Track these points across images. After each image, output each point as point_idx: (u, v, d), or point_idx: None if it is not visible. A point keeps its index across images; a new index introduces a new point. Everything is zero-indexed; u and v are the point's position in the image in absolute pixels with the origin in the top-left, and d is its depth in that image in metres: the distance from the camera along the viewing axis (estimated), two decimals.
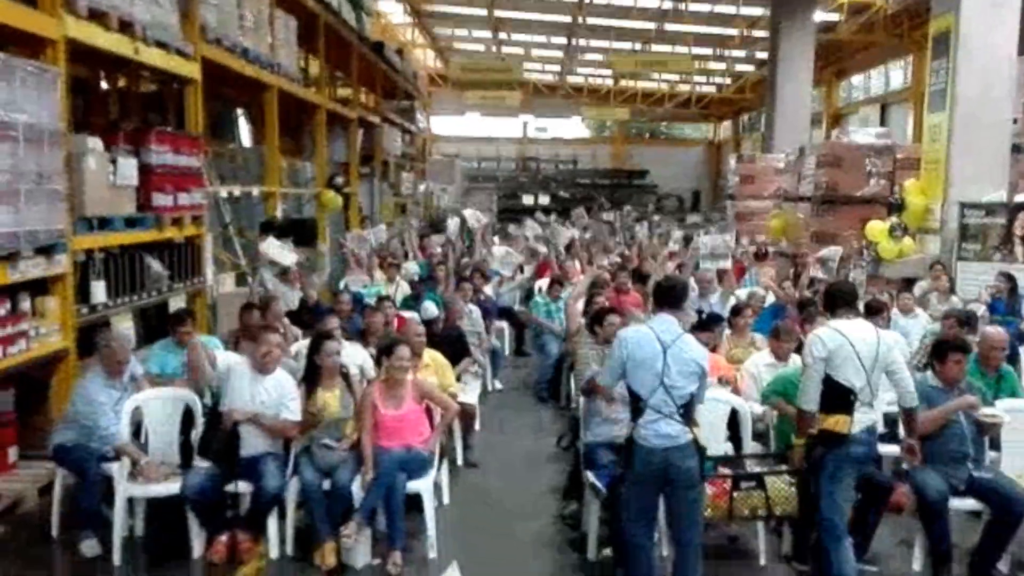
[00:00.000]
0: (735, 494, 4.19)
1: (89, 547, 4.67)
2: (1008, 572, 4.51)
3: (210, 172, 9.04)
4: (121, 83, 9.72)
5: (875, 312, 6.43)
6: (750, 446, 4.91)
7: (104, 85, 9.78)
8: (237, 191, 9.44)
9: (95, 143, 6.19)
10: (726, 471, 4.31)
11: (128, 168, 6.53)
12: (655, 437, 3.80)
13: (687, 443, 3.78)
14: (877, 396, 4.18)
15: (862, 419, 4.01)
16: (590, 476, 4.70)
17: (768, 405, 4.98)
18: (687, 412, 3.82)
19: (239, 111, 11.92)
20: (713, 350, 5.57)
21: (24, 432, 5.68)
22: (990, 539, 4.41)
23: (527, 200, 32.26)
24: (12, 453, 5.60)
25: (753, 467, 4.40)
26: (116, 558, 4.60)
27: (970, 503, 4.51)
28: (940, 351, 4.72)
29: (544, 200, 32.66)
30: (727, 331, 6.34)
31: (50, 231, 5.47)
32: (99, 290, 6.21)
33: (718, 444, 4.91)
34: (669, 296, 4.05)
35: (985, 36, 9.64)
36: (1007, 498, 4.37)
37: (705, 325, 5.79)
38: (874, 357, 3.99)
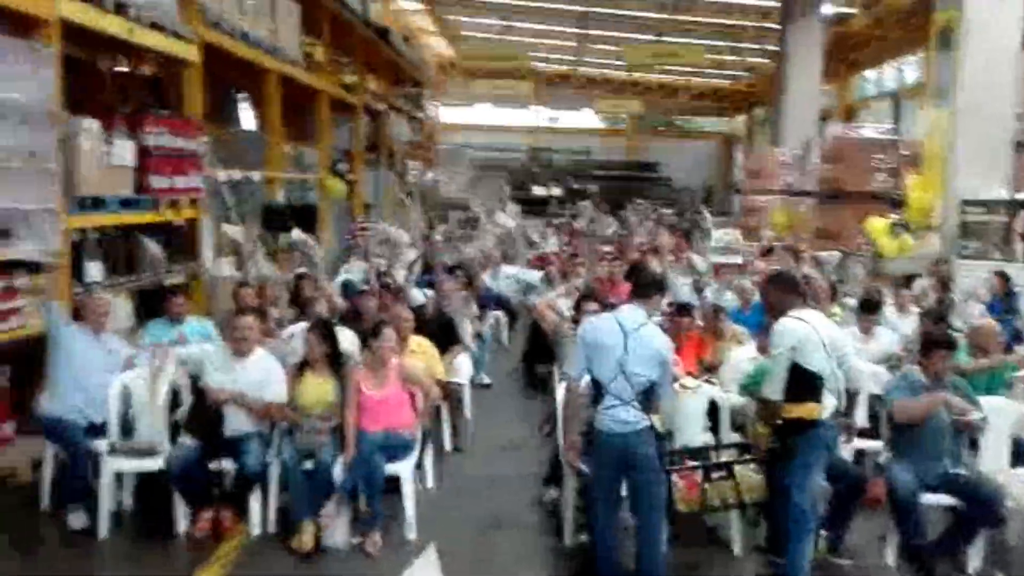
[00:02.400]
0: (706, 485, 4.23)
1: (77, 519, 4.78)
2: (983, 569, 4.52)
3: (211, 156, 9.11)
4: (123, 66, 9.76)
5: (873, 309, 6.44)
6: (729, 437, 4.94)
7: (103, 67, 9.81)
8: (237, 175, 9.49)
9: (90, 124, 6.24)
10: (695, 463, 4.34)
11: (124, 150, 6.59)
12: (613, 423, 3.87)
13: (644, 429, 3.84)
14: (838, 383, 4.21)
15: (828, 405, 4.06)
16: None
17: (747, 396, 4.99)
18: (646, 399, 3.86)
19: (242, 96, 11.95)
20: (687, 335, 5.72)
21: (20, 408, 5.78)
22: (957, 531, 4.47)
23: (538, 191, 32.19)
24: (7, 428, 5.68)
25: (720, 457, 4.43)
26: (102, 531, 4.70)
27: (944, 499, 4.52)
28: (926, 347, 4.73)
29: (556, 191, 32.58)
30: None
31: (43, 209, 5.53)
32: (94, 269, 6.29)
33: (697, 434, 4.97)
34: (638, 286, 4.16)
35: (989, 30, 9.57)
36: (979, 494, 4.39)
37: (681, 311, 5.85)
38: (832, 344, 4.06)
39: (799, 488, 4.02)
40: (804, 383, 3.99)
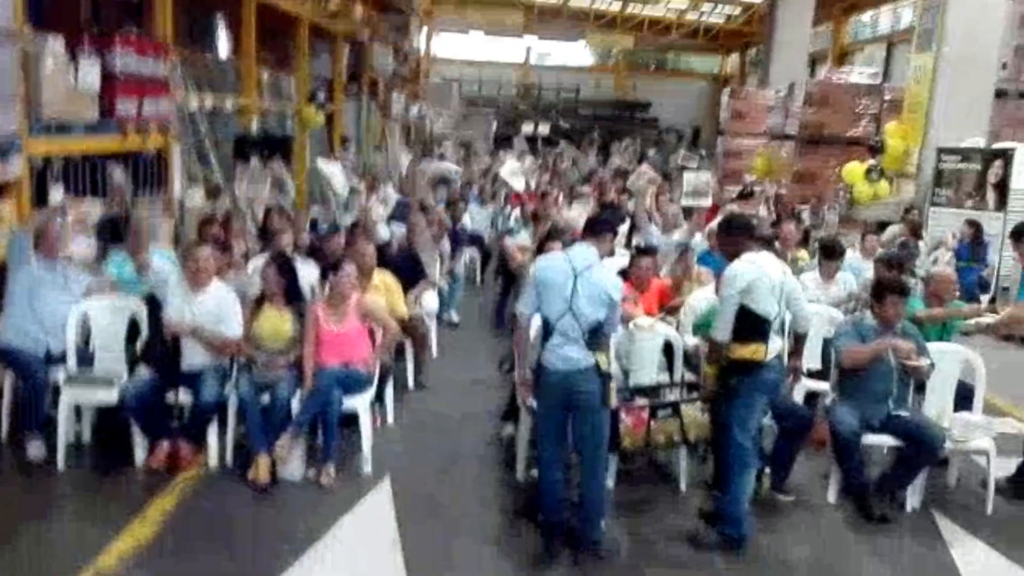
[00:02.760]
0: (652, 423, 4.31)
1: (35, 449, 4.78)
2: (921, 508, 4.66)
3: (184, 81, 8.93)
4: None
5: (833, 255, 6.47)
6: (683, 377, 5.02)
7: None
8: (209, 102, 9.33)
9: (56, 44, 6.07)
10: (643, 401, 4.41)
11: (90, 72, 6.43)
12: (558, 360, 3.92)
13: (588, 367, 3.88)
14: (786, 324, 4.33)
15: (773, 347, 4.14)
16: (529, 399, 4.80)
17: (699, 336, 5.05)
18: (593, 338, 3.90)
19: (218, 19, 11.65)
20: (650, 279, 5.77)
21: None
22: (897, 469, 4.60)
23: (527, 128, 31.81)
24: None
25: (668, 396, 4.51)
26: (60, 462, 4.73)
27: (886, 439, 4.64)
28: (879, 292, 4.78)
29: (544, 129, 32.23)
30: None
31: (4, 134, 5.43)
32: (57, 195, 6.22)
33: (652, 374, 5.04)
34: (590, 225, 4.18)
35: None
36: (920, 435, 4.51)
37: (643, 252, 5.87)
38: (781, 288, 4.11)
39: (741, 427, 4.11)
40: (751, 325, 4.05)
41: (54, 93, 5.96)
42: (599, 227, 4.15)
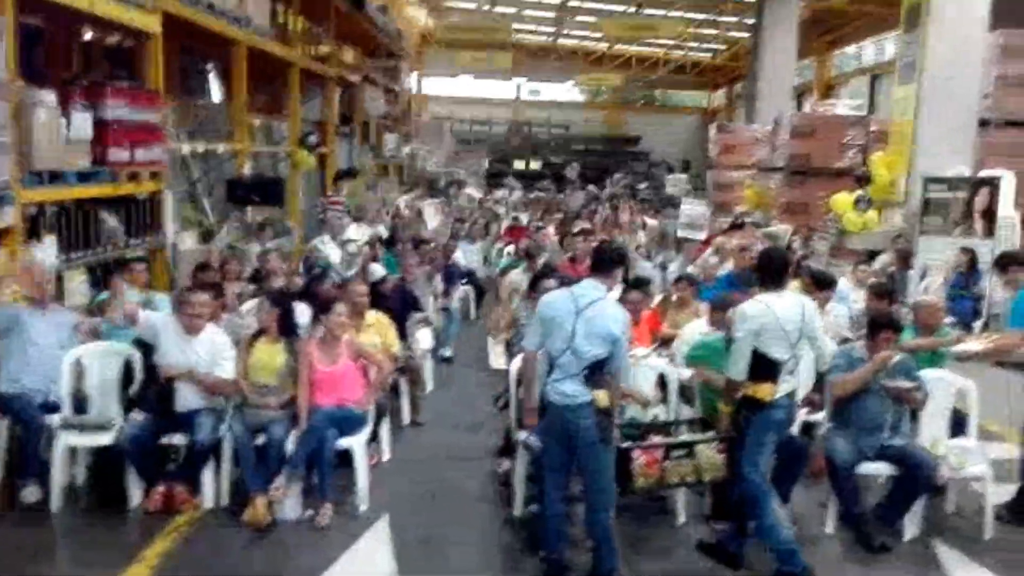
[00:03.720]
0: (666, 463, 4.26)
1: (30, 493, 4.75)
2: (920, 536, 4.65)
3: (175, 128, 9.03)
4: (85, 37, 9.63)
5: (824, 286, 6.51)
6: (679, 410, 5.03)
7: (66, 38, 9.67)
8: (201, 148, 9.42)
9: (47, 96, 6.15)
10: (658, 439, 4.39)
11: (82, 122, 6.50)
12: (558, 395, 3.95)
13: (584, 404, 3.89)
14: (800, 363, 4.31)
15: (784, 387, 4.14)
16: (522, 434, 4.80)
17: (692, 368, 5.08)
18: (592, 374, 3.91)
19: (209, 66, 11.81)
20: (641, 311, 5.73)
21: None
22: (893, 498, 4.61)
23: (518, 165, 32.19)
24: None
25: (682, 434, 4.48)
26: (55, 506, 4.72)
27: (881, 468, 4.65)
28: (872, 327, 4.82)
29: (535, 165, 32.61)
30: (672, 299, 6.41)
31: None
32: (49, 244, 6.23)
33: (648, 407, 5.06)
34: (597, 261, 4.14)
35: (957, 8, 9.60)
36: (914, 463, 4.51)
37: (635, 285, 5.91)
38: (799, 329, 4.10)
39: (751, 464, 4.11)
40: (762, 366, 4.06)
41: (47, 143, 6.02)
42: (607, 262, 4.11)
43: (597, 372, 3.92)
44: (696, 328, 5.62)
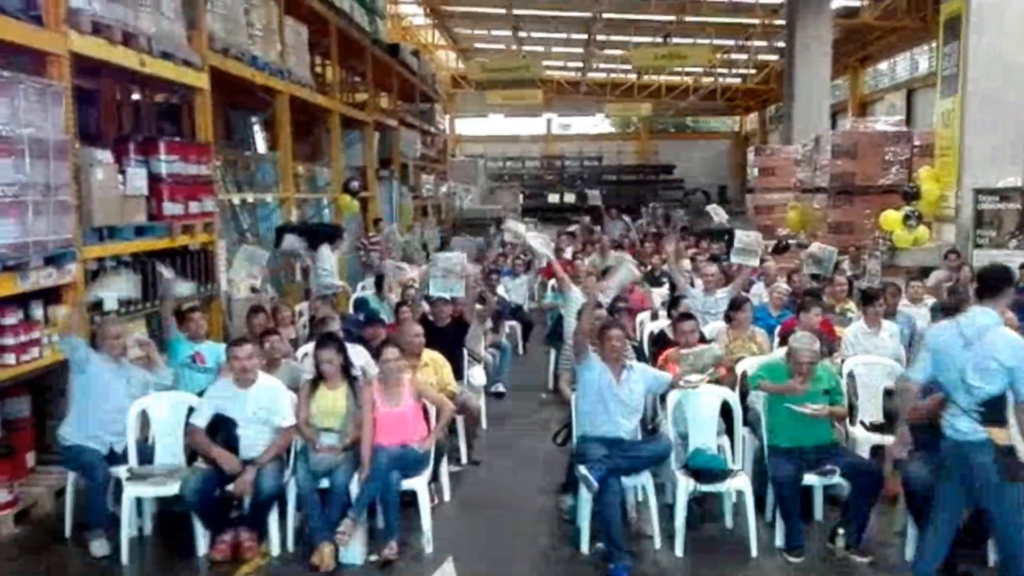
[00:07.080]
0: None
1: (99, 547, 4.82)
2: None
3: (224, 179, 9.24)
4: (136, 95, 9.95)
5: (870, 300, 6.38)
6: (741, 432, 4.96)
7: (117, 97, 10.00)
8: (250, 198, 9.62)
9: (103, 155, 6.36)
10: None
11: (137, 178, 6.69)
12: (952, 431, 3.81)
13: (980, 441, 3.71)
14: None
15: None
16: (582, 470, 4.74)
17: (757, 388, 4.98)
18: (990, 410, 3.70)
19: (254, 118, 12.11)
20: (694, 342, 5.58)
21: (40, 437, 5.87)
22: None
23: (552, 198, 32.25)
24: (30, 458, 5.76)
25: None
26: (124, 557, 4.75)
27: None
28: None
29: (569, 198, 32.63)
30: (725, 325, 6.32)
31: (59, 241, 5.63)
32: (110, 298, 6.38)
33: (711, 438, 4.97)
34: (984, 283, 3.90)
35: (996, 18, 9.48)
36: None
37: (687, 316, 5.84)
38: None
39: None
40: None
41: (105, 201, 6.19)
42: (993, 282, 3.84)
43: (995, 406, 3.70)
44: (755, 362, 5.46)
